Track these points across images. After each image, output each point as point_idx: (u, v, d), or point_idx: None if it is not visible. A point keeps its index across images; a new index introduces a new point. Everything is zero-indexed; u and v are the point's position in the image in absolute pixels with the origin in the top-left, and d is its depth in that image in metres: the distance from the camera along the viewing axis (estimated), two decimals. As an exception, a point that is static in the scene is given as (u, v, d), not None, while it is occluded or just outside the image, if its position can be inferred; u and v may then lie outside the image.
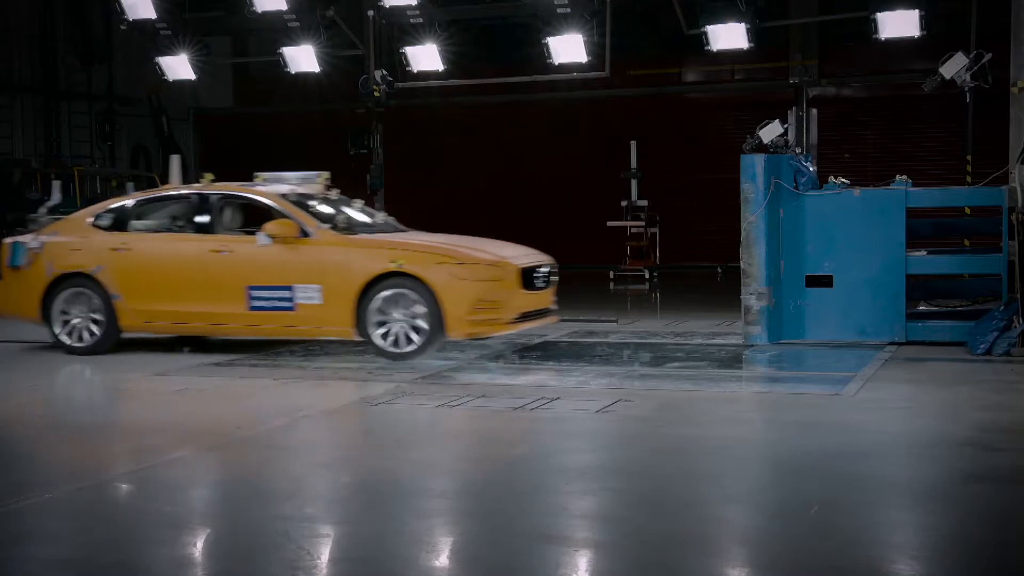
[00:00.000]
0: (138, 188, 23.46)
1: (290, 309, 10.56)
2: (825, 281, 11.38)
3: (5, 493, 5.89)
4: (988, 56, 14.41)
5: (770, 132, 12.91)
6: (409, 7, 18.45)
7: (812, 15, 21.30)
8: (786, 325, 11.39)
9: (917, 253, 11.41)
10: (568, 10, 17.65)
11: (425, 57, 18.84)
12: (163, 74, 20.13)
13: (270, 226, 10.71)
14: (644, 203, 21.34)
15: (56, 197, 12.56)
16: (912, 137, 21.94)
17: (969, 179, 15.30)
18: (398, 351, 10.21)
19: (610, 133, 23.02)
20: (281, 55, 19.30)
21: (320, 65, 19.40)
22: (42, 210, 12.14)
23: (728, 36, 17.62)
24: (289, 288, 10.54)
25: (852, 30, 19.98)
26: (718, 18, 17.61)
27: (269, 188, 11.45)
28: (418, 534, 5.21)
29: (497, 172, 23.78)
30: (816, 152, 20.25)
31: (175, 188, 12.22)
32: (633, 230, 21.33)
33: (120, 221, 11.45)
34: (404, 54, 18.90)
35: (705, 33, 17.62)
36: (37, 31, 22.63)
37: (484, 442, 7.27)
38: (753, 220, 11.31)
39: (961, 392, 8.67)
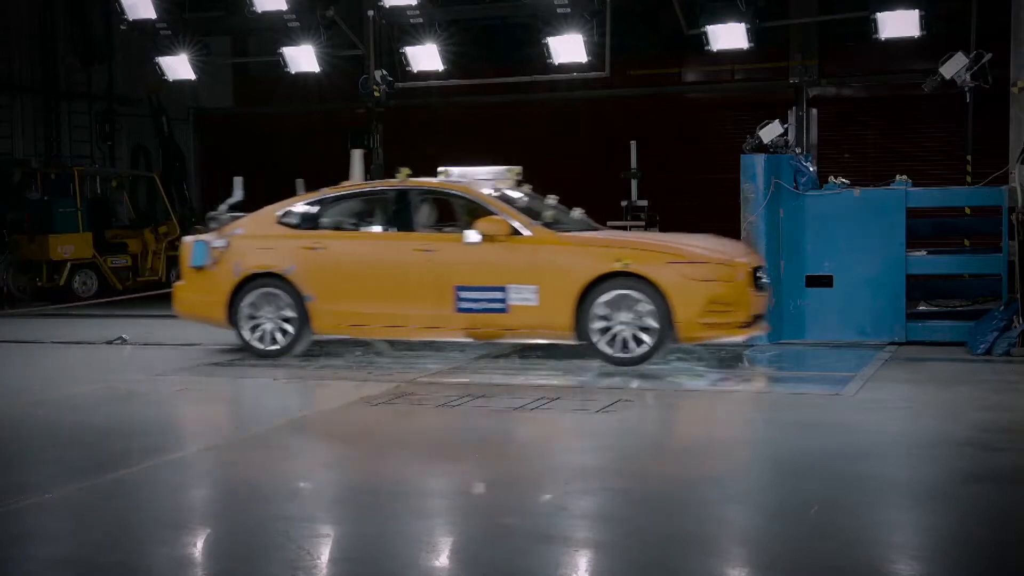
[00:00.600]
0: (137, 188, 23.55)
1: (502, 311, 9.98)
2: (825, 281, 11.39)
3: (5, 493, 5.89)
4: (988, 56, 14.42)
5: (770, 132, 12.92)
6: (409, 7, 18.44)
7: (812, 15, 21.28)
8: (786, 325, 11.40)
9: (917, 253, 11.42)
10: (568, 10, 17.64)
11: (425, 57, 18.83)
12: (163, 74, 20.11)
13: (483, 224, 10.08)
14: (644, 203, 21.31)
15: (238, 194, 11.72)
16: (912, 137, 21.91)
17: (969, 179, 15.30)
18: (626, 355, 9.62)
19: (610, 133, 22.99)
20: (281, 55, 19.29)
21: (320, 65, 19.39)
22: (222, 207, 11.53)
23: (728, 36, 17.61)
24: (502, 289, 9.95)
25: (852, 30, 19.95)
26: (718, 18, 17.60)
27: (470, 183, 10.84)
28: (418, 534, 5.21)
29: (497, 172, 23.72)
30: (816, 152, 20.24)
31: (369, 184, 11.67)
32: (633, 230, 21.31)
33: (310, 219, 10.92)
34: (404, 54, 18.89)
35: (705, 33, 17.61)
36: (37, 31, 22.59)
37: (484, 442, 7.27)
38: (753, 220, 11.31)
39: (961, 392, 8.67)
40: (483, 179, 11.05)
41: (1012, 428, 7.35)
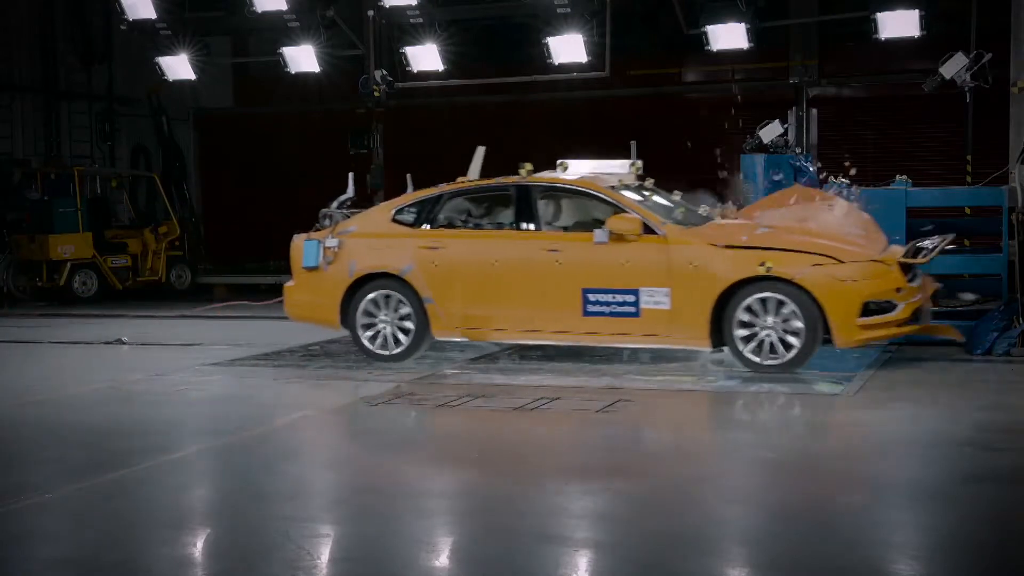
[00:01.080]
0: (137, 188, 23.54)
1: (633, 315, 9.44)
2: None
3: (5, 493, 5.89)
4: (988, 56, 14.42)
5: (770, 132, 12.94)
6: (409, 7, 18.45)
7: (812, 15, 21.28)
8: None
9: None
10: (568, 10, 17.64)
11: (425, 57, 18.84)
12: (163, 74, 20.12)
13: (615, 222, 9.48)
14: (644, 203, 21.31)
15: (350, 191, 11.26)
16: (912, 137, 21.91)
17: (969, 179, 15.30)
18: (775, 362, 9.09)
19: (610, 133, 22.95)
20: (281, 55, 19.29)
21: (320, 65, 19.39)
22: (334, 204, 11.01)
23: (728, 36, 17.62)
24: (634, 292, 9.41)
25: (852, 30, 19.95)
26: (718, 18, 17.61)
27: (596, 179, 10.28)
28: (418, 534, 5.21)
29: (497, 172, 23.71)
30: (816, 152, 20.24)
31: (489, 180, 10.88)
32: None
33: (427, 216, 10.38)
34: (404, 54, 18.90)
35: (705, 33, 17.62)
36: (37, 31, 22.59)
37: (484, 442, 7.26)
38: (753, 220, 11.30)
39: (961, 392, 8.67)
40: (605, 174, 10.55)
41: (1012, 428, 7.35)
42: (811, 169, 11.73)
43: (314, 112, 24.56)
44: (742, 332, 9.14)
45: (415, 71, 19.16)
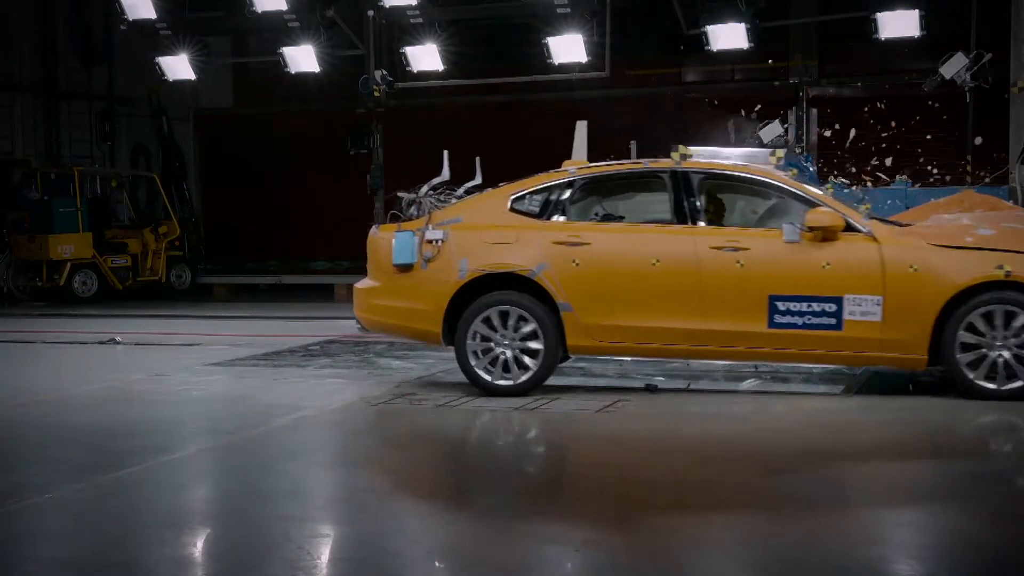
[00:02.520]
0: (137, 188, 23.53)
1: (834, 328, 8.06)
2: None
3: (5, 493, 5.89)
4: (988, 56, 14.44)
5: (770, 132, 12.94)
6: (409, 7, 18.46)
7: (812, 15, 21.30)
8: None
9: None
10: (568, 10, 17.65)
11: (425, 57, 18.85)
12: (163, 74, 20.12)
13: (817, 216, 8.06)
14: (644, 203, 21.34)
15: (445, 173, 9.67)
16: (912, 137, 21.91)
17: (969, 179, 15.31)
18: (1015, 386, 7.79)
19: (610, 133, 22.98)
20: (281, 55, 19.30)
21: (320, 65, 19.40)
22: (424, 188, 9.25)
23: (728, 36, 17.63)
24: (836, 300, 8.02)
25: (852, 30, 19.96)
26: (718, 18, 17.62)
27: (772, 168, 8.89)
28: (418, 534, 5.21)
29: (497, 172, 23.74)
30: (816, 152, 20.24)
31: (631, 164, 9.41)
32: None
33: (556, 205, 8.71)
34: (404, 54, 18.91)
35: (705, 33, 17.63)
36: (37, 31, 22.61)
37: (484, 442, 7.26)
38: (753, 220, 11.30)
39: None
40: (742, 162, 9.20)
41: (1012, 428, 7.34)
42: (811, 169, 11.74)
43: (314, 112, 24.56)
44: (968, 356, 7.85)
45: (415, 71, 19.17)
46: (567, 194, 8.79)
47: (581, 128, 10.61)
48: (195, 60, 20.01)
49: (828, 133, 22.04)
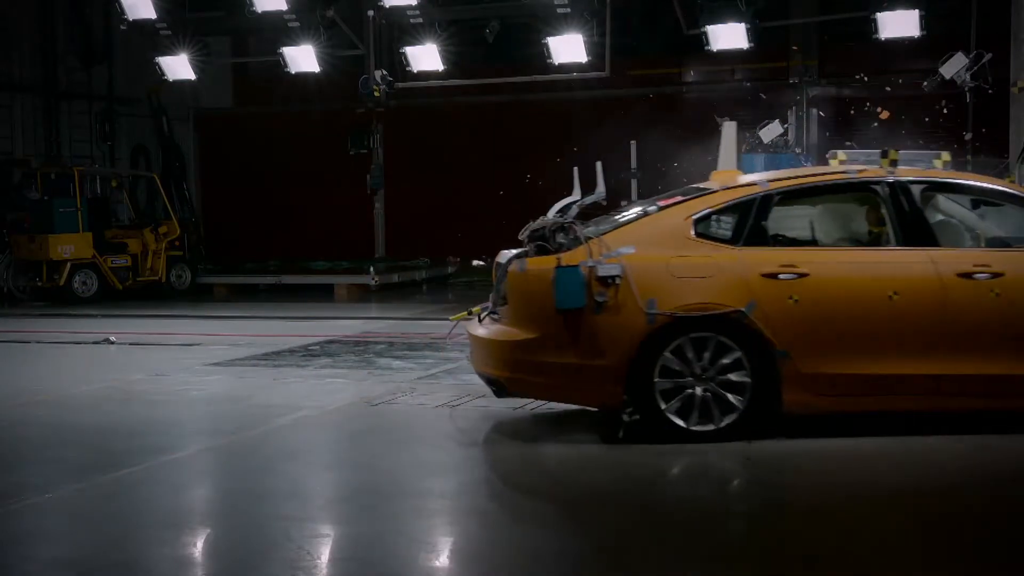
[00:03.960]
0: (137, 188, 23.53)
1: None
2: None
3: (5, 493, 5.90)
4: (988, 56, 14.45)
5: (770, 132, 12.95)
6: (409, 7, 18.47)
7: (812, 15, 21.31)
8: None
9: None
10: (568, 10, 17.66)
11: (425, 57, 18.86)
12: (163, 74, 20.13)
13: None
14: (644, 203, 21.34)
15: (600, 189, 7.96)
16: (912, 137, 21.91)
17: (969, 179, 15.30)
18: None
19: (610, 133, 23.01)
20: (281, 55, 19.31)
21: (320, 65, 19.41)
22: (573, 210, 7.70)
23: (728, 36, 17.64)
24: None
25: (852, 30, 19.97)
26: (718, 18, 17.63)
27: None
28: (418, 534, 5.21)
29: (497, 172, 23.79)
30: (816, 152, 20.25)
31: (835, 174, 7.72)
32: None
33: (751, 226, 7.12)
34: (404, 54, 18.92)
35: (705, 33, 17.64)
36: (37, 31, 22.62)
37: (484, 442, 7.26)
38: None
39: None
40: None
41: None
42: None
43: (314, 112, 24.58)
44: None
45: (415, 71, 19.18)
46: (762, 212, 7.18)
47: (729, 130, 8.87)
48: (195, 60, 20.02)
49: (828, 133, 22.07)
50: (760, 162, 11.45)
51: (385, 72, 19.61)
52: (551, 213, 7.76)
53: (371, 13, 19.25)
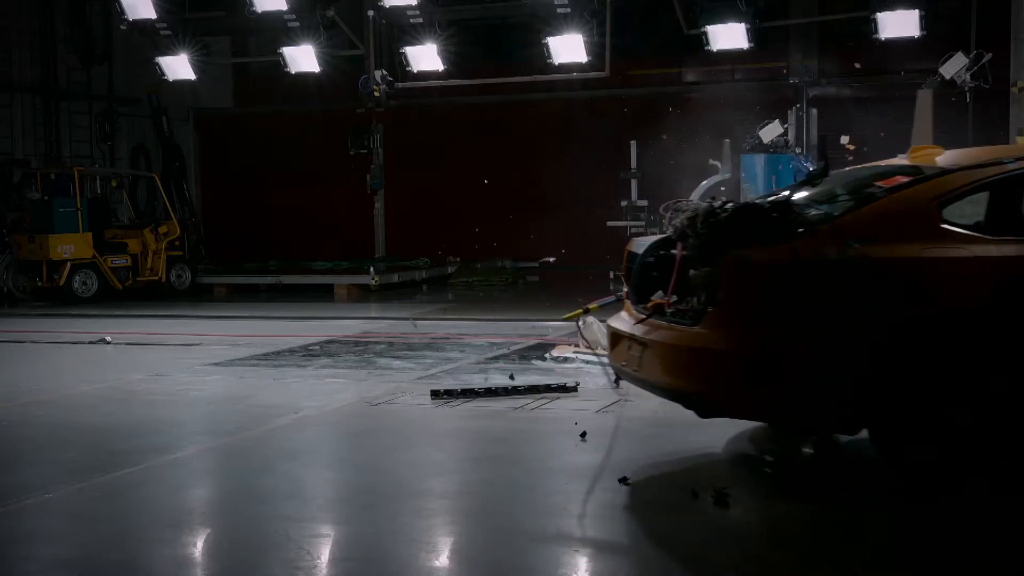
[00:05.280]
0: (137, 188, 23.54)
1: None
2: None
3: (5, 493, 5.89)
4: (988, 56, 14.45)
5: (770, 132, 12.96)
6: (409, 7, 18.48)
7: (812, 15, 21.31)
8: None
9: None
10: (568, 10, 17.67)
11: (425, 57, 18.86)
12: (163, 74, 20.14)
13: None
14: (644, 203, 21.37)
15: (726, 167, 6.53)
16: (912, 137, 21.91)
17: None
18: None
19: (610, 133, 23.01)
20: (281, 55, 19.32)
21: (320, 65, 19.42)
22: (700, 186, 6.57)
23: (728, 36, 17.65)
24: None
25: (852, 30, 19.98)
26: (718, 18, 17.64)
27: None
28: (418, 534, 5.21)
29: (497, 172, 23.81)
30: (816, 152, 20.25)
31: None
32: (633, 230, 21.34)
33: (1007, 213, 6.08)
34: (404, 54, 18.93)
35: (705, 33, 17.65)
36: (37, 31, 22.63)
37: (484, 442, 7.26)
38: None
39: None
40: None
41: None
42: (811, 169, 11.75)
43: (314, 112, 24.59)
44: None
45: (415, 71, 19.19)
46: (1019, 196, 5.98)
47: (925, 98, 7.51)
48: (195, 60, 20.03)
49: (828, 133, 22.07)
50: (760, 162, 11.44)
51: (385, 72, 19.61)
52: (695, 195, 6.80)
53: (371, 13, 19.25)
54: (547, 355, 10.45)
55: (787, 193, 6.41)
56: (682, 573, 4.71)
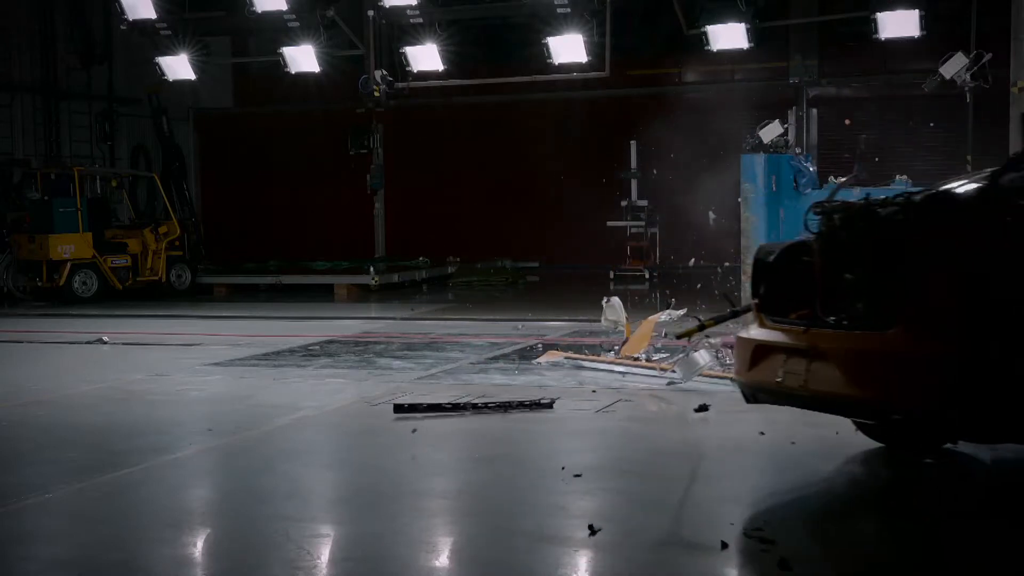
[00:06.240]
0: (137, 188, 23.52)
1: None
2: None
3: (5, 493, 5.89)
4: (988, 56, 14.45)
5: (770, 132, 12.94)
6: (409, 7, 18.47)
7: (812, 15, 21.31)
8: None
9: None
10: (568, 10, 17.67)
11: (425, 57, 18.85)
12: (163, 74, 20.13)
13: None
14: (644, 203, 21.38)
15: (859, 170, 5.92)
16: (912, 137, 21.92)
17: (969, 179, 15.30)
18: None
19: (610, 133, 23.02)
20: (281, 55, 19.31)
21: (320, 65, 19.41)
22: (837, 183, 6.16)
23: (728, 36, 17.66)
24: None
25: (852, 30, 19.98)
26: (718, 18, 17.64)
27: None
28: (418, 534, 5.21)
29: (497, 172, 23.82)
30: (816, 152, 20.25)
31: None
32: (633, 230, 21.35)
33: None
34: (404, 54, 18.92)
35: (705, 33, 17.65)
36: (37, 31, 22.63)
37: (484, 442, 7.26)
38: (753, 220, 11.32)
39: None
40: None
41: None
42: (811, 169, 11.75)
43: (314, 112, 24.60)
44: None
45: (415, 71, 19.18)
46: None
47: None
48: (195, 60, 20.03)
49: (828, 133, 22.07)
50: (760, 162, 11.43)
51: (385, 72, 19.60)
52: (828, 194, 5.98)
53: (371, 13, 19.24)
54: (536, 360, 10.35)
55: (965, 183, 5.70)
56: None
